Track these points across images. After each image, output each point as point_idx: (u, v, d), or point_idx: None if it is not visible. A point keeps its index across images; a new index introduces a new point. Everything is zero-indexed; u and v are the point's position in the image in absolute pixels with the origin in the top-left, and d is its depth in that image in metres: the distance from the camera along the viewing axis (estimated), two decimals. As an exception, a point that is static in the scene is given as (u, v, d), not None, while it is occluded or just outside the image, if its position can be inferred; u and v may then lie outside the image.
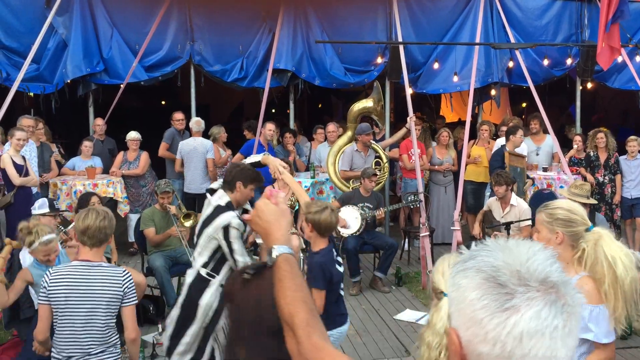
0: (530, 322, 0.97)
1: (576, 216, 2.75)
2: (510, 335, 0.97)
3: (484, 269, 1.03)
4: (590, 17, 9.31)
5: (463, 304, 1.04)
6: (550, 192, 7.89)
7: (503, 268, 1.02)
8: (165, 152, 8.75)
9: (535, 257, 1.04)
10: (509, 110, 12.62)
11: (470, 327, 1.02)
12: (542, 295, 0.99)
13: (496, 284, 1.01)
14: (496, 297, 1.00)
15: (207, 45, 8.89)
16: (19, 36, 8.40)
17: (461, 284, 1.05)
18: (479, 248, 1.09)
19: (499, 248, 1.06)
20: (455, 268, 1.10)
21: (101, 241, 3.41)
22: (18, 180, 6.77)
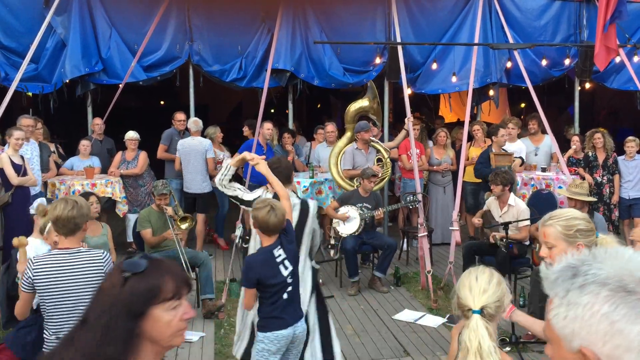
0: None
1: (591, 224, 2.69)
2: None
3: (607, 281, 1.06)
4: (589, 17, 9.32)
5: (593, 320, 1.05)
6: (549, 193, 7.91)
7: (626, 276, 1.05)
8: (164, 154, 8.74)
9: (636, 260, 1.09)
10: (508, 111, 12.63)
11: (609, 340, 1.03)
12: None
13: (626, 292, 1.03)
14: (632, 305, 1.02)
15: (206, 45, 8.89)
16: (18, 36, 8.39)
17: (582, 302, 1.06)
18: (577, 263, 1.11)
19: (604, 258, 1.10)
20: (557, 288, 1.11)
21: (72, 230, 3.49)
22: (16, 180, 6.76)
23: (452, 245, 7.12)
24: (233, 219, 8.01)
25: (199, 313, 6.37)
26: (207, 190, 8.42)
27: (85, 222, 3.56)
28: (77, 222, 3.48)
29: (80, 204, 3.54)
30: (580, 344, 1.07)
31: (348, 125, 8.20)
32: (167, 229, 6.45)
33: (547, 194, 7.85)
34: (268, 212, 3.75)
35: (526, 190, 8.27)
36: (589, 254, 1.12)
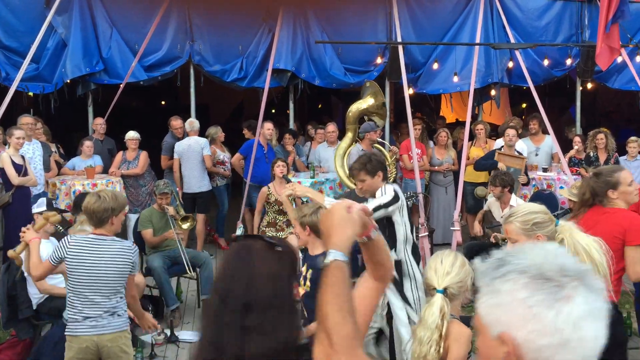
0: (581, 307, 1.08)
1: (545, 215, 2.87)
2: (567, 322, 1.07)
3: (527, 269, 1.12)
4: (591, 17, 9.29)
5: (512, 305, 1.10)
6: (550, 193, 7.90)
7: (545, 265, 1.12)
8: (167, 163, 8.67)
9: (560, 251, 1.17)
10: (509, 111, 12.61)
11: (525, 325, 1.09)
12: (580, 282, 1.10)
13: (544, 279, 1.10)
14: (548, 291, 1.09)
15: (207, 45, 8.87)
16: (19, 36, 8.38)
17: (503, 289, 1.12)
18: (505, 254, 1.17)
19: (529, 250, 1.16)
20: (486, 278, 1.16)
21: (99, 221, 3.78)
22: (17, 180, 6.75)
23: (453, 245, 7.10)
24: (234, 219, 8.01)
25: (200, 313, 6.36)
26: (206, 189, 8.40)
27: (112, 216, 3.78)
28: (99, 216, 3.75)
29: (108, 198, 3.77)
30: (501, 329, 1.12)
31: (350, 125, 8.14)
32: (169, 229, 6.44)
33: (548, 194, 7.83)
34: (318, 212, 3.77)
35: (527, 190, 8.25)
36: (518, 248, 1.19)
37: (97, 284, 3.72)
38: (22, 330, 5.14)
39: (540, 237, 2.79)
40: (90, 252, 3.74)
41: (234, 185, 9.22)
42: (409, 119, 8.04)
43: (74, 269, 3.74)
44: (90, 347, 3.73)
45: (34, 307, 5.09)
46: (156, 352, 5.41)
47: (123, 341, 3.82)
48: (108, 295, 3.75)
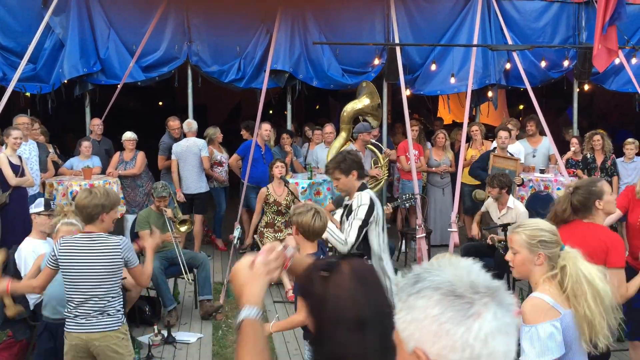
0: (491, 323, 1.11)
1: (556, 237, 2.81)
2: (477, 339, 1.10)
3: (440, 286, 1.14)
4: (588, 19, 9.32)
5: (425, 322, 1.13)
6: (547, 194, 7.90)
7: (457, 282, 1.14)
8: (165, 163, 8.67)
9: (473, 268, 1.19)
10: (506, 112, 12.63)
11: (437, 341, 1.12)
12: (491, 299, 1.13)
13: (455, 296, 1.13)
14: (459, 308, 1.11)
15: (205, 45, 8.87)
16: (16, 36, 8.37)
17: (417, 305, 1.15)
18: (422, 271, 1.20)
19: (443, 266, 1.19)
20: (403, 293, 1.19)
21: (89, 218, 3.78)
22: (14, 180, 6.73)
23: (450, 246, 7.10)
24: (231, 220, 8.00)
25: (197, 314, 6.36)
26: (203, 190, 8.40)
27: (103, 213, 3.76)
28: (89, 211, 3.74)
29: (99, 194, 3.75)
30: (415, 344, 1.14)
31: (344, 125, 8.14)
32: (166, 231, 6.43)
33: (545, 195, 7.84)
34: (313, 215, 3.72)
35: (524, 192, 8.26)
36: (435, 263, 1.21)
37: (86, 282, 3.73)
38: (18, 331, 5.12)
39: (542, 256, 2.74)
40: (79, 251, 3.74)
41: (231, 186, 9.22)
42: (407, 120, 8.05)
43: (65, 269, 3.76)
44: (79, 344, 3.76)
45: (30, 307, 5.07)
46: (153, 353, 5.40)
47: (114, 341, 3.80)
48: (98, 294, 3.74)
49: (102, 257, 3.75)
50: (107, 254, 3.76)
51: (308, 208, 3.77)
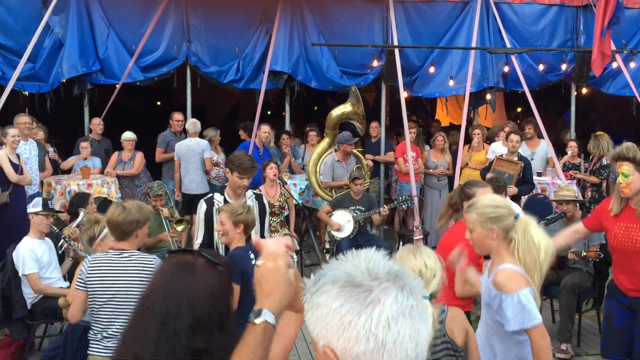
0: (392, 307, 1.08)
1: (504, 209, 2.89)
2: (379, 326, 1.07)
3: (337, 278, 1.12)
4: (586, 23, 9.34)
5: (328, 317, 1.10)
6: (545, 197, 7.92)
7: (354, 271, 1.12)
8: (162, 156, 8.70)
9: (374, 256, 1.16)
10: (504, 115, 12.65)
11: (341, 334, 1.09)
12: (392, 283, 1.10)
13: (353, 286, 1.10)
14: (357, 297, 1.09)
15: (204, 46, 8.88)
16: (15, 35, 8.38)
17: (320, 302, 1.13)
18: (325, 268, 1.18)
19: (343, 260, 1.17)
20: (308, 293, 1.16)
21: (123, 234, 3.56)
22: (15, 177, 6.71)
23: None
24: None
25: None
26: (204, 191, 8.40)
27: (137, 229, 3.58)
28: (122, 228, 3.54)
29: (130, 210, 3.57)
30: (323, 342, 1.12)
31: (328, 131, 8.11)
32: (163, 230, 6.44)
33: (542, 198, 7.85)
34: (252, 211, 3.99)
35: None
36: (338, 260, 1.18)
37: (116, 302, 3.47)
38: (16, 330, 5.12)
39: (495, 231, 2.83)
40: (108, 270, 3.50)
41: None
42: (405, 122, 8.06)
43: (93, 288, 3.50)
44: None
45: (28, 307, 5.07)
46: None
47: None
48: (121, 316, 3.47)
49: (133, 276, 3.49)
50: (138, 273, 3.50)
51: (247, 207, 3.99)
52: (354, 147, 8.09)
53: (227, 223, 3.87)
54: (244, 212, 3.86)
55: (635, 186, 3.63)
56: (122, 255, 3.53)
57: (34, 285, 4.95)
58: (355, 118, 7.94)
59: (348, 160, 8.07)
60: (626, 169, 3.64)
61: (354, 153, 8.13)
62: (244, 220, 3.86)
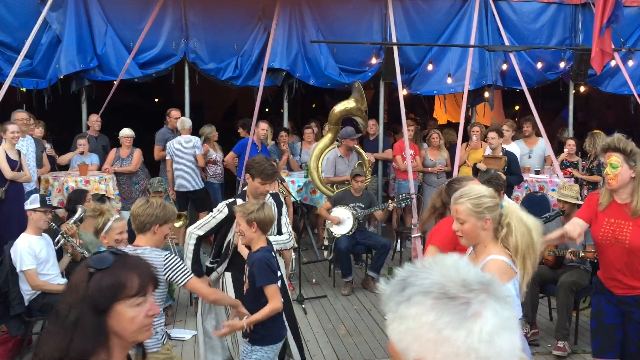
0: (493, 321, 1.03)
1: (495, 199, 2.90)
2: (481, 341, 1.02)
3: (430, 289, 1.06)
4: (585, 21, 9.35)
5: (422, 330, 1.04)
6: (542, 195, 7.94)
7: (447, 282, 1.06)
8: (161, 154, 8.69)
9: (460, 264, 1.11)
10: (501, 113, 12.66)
11: (438, 349, 1.03)
12: (487, 295, 1.05)
13: (449, 298, 1.04)
14: (456, 310, 1.03)
15: (202, 43, 8.87)
16: (13, 31, 8.35)
17: (409, 314, 1.06)
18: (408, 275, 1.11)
19: (429, 267, 1.11)
20: (392, 302, 1.10)
21: (139, 228, 3.59)
22: (10, 174, 6.70)
23: (445, 246, 7.11)
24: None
25: (192, 311, 6.36)
26: (198, 187, 8.39)
27: (155, 225, 3.57)
28: (142, 220, 3.56)
29: (152, 204, 3.61)
30: (415, 356, 1.06)
31: (331, 127, 8.12)
32: (161, 227, 6.43)
33: (540, 196, 7.88)
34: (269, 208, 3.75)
35: (520, 192, 8.29)
36: (420, 265, 1.13)
37: None
38: (13, 326, 5.11)
39: (489, 221, 2.82)
40: None
41: (227, 184, 9.22)
42: (403, 120, 8.06)
43: None
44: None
45: (25, 303, 5.06)
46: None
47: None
48: None
49: None
50: None
51: (260, 204, 3.77)
52: (356, 143, 8.09)
53: (242, 223, 3.76)
54: (254, 210, 3.70)
55: (623, 178, 3.55)
56: (135, 251, 3.50)
57: (32, 281, 4.94)
58: (358, 114, 7.95)
59: (350, 156, 8.08)
60: (615, 159, 3.55)
61: (356, 149, 8.14)
62: (256, 219, 3.70)
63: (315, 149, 8.12)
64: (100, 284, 1.68)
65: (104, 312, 1.68)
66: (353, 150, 8.10)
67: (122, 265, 1.73)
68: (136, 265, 1.76)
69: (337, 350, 5.54)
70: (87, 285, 1.68)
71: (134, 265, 1.76)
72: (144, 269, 1.77)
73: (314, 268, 7.96)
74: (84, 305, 1.66)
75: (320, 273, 7.87)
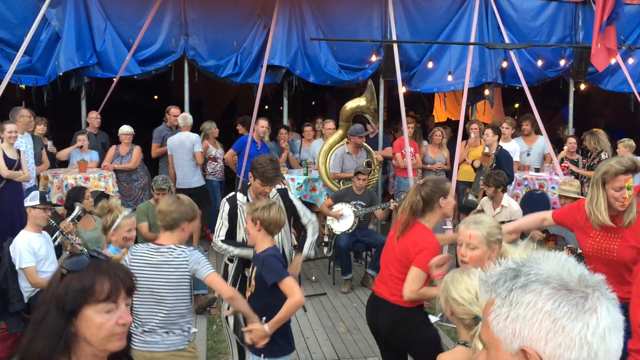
0: (607, 318, 1.05)
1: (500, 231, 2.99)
2: (595, 335, 1.03)
3: (549, 280, 1.07)
4: (585, 18, 9.34)
5: (535, 318, 1.05)
6: (542, 193, 7.94)
7: (566, 275, 1.08)
8: (157, 151, 8.69)
9: (574, 261, 1.12)
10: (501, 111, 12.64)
11: (552, 337, 1.04)
12: (601, 293, 1.07)
13: (567, 290, 1.06)
14: (574, 302, 1.04)
15: (202, 40, 8.85)
16: (12, 27, 8.33)
17: (524, 300, 1.07)
18: (517, 264, 1.12)
19: (544, 259, 1.12)
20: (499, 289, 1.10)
21: (169, 225, 3.54)
22: (6, 172, 6.69)
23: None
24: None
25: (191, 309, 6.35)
26: (199, 185, 8.38)
27: (185, 222, 3.56)
28: (173, 217, 3.53)
29: (185, 203, 3.59)
30: (521, 343, 1.06)
31: (342, 123, 8.18)
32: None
33: (540, 194, 7.88)
34: (278, 210, 3.63)
35: (519, 190, 8.29)
36: (526, 258, 1.14)
37: (151, 297, 3.47)
38: (12, 324, 5.11)
39: (496, 250, 2.90)
40: (145, 264, 3.49)
41: (227, 181, 9.21)
42: (403, 117, 8.05)
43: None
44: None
45: (25, 300, 5.06)
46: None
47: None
48: (163, 310, 3.48)
49: (169, 270, 3.46)
50: (174, 267, 3.46)
51: (270, 203, 3.67)
52: (364, 140, 8.10)
53: (248, 220, 3.67)
54: (260, 208, 3.60)
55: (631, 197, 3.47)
56: (159, 250, 3.50)
57: (31, 279, 4.94)
58: (368, 112, 8.00)
59: (359, 154, 8.09)
60: (632, 181, 3.46)
61: (365, 147, 8.14)
62: (260, 217, 3.57)
63: (325, 144, 8.17)
64: (69, 285, 1.67)
65: (71, 315, 1.66)
66: (362, 148, 8.11)
67: (95, 269, 1.70)
68: (110, 271, 1.72)
69: (337, 348, 5.54)
70: (57, 285, 1.68)
71: (108, 270, 1.72)
72: (118, 276, 1.73)
73: (314, 265, 7.96)
74: (51, 304, 1.66)
75: (319, 270, 7.87)
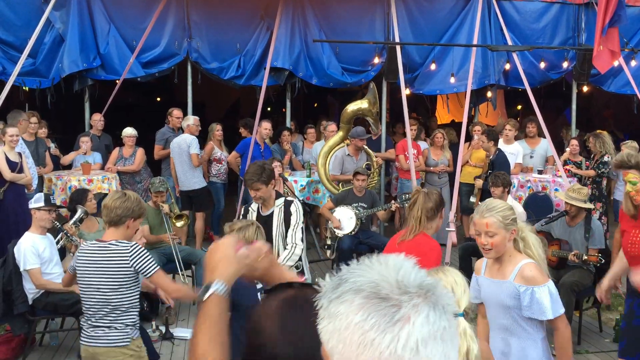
0: (422, 329, 0.94)
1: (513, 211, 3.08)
2: (406, 348, 0.93)
3: (362, 287, 0.97)
4: (588, 20, 9.34)
5: (347, 331, 0.96)
6: (545, 195, 7.93)
7: (382, 281, 0.97)
8: (160, 153, 8.70)
9: (404, 265, 1.01)
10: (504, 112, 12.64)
11: (362, 352, 0.94)
12: (423, 300, 0.96)
13: (379, 299, 0.96)
14: (384, 312, 0.94)
15: (205, 42, 8.87)
16: (16, 30, 8.36)
17: (339, 312, 0.98)
18: (345, 272, 1.02)
19: (369, 265, 1.02)
20: (324, 299, 1.01)
21: (113, 221, 3.56)
22: (9, 175, 6.70)
23: (448, 246, 7.11)
24: (229, 217, 7.99)
25: (195, 310, 6.36)
26: (199, 186, 8.35)
27: (130, 219, 3.57)
28: (118, 213, 3.53)
29: (129, 197, 3.61)
30: (339, 358, 0.97)
31: (343, 125, 8.14)
32: (164, 227, 6.45)
33: (543, 196, 7.87)
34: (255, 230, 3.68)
35: (522, 192, 8.28)
36: (363, 262, 1.04)
37: (94, 294, 3.52)
38: (17, 325, 5.13)
39: (515, 231, 3.00)
40: (89, 261, 3.54)
41: (230, 183, 9.22)
42: (406, 119, 8.06)
43: (79, 277, 3.60)
44: (87, 357, 3.62)
45: (29, 302, 5.08)
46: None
47: (120, 357, 3.56)
48: (107, 306, 3.52)
49: (110, 266, 3.49)
50: (115, 263, 3.49)
51: (248, 223, 3.70)
52: (365, 143, 8.09)
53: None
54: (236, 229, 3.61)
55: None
56: (101, 245, 3.56)
57: (35, 280, 4.95)
58: (369, 115, 7.98)
59: (359, 156, 8.08)
60: (632, 177, 3.65)
61: (365, 149, 8.13)
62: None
63: (325, 146, 8.14)
64: None
65: None
66: (362, 150, 8.10)
67: None
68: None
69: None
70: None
71: None
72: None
73: (317, 268, 7.96)
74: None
75: (322, 273, 7.86)
